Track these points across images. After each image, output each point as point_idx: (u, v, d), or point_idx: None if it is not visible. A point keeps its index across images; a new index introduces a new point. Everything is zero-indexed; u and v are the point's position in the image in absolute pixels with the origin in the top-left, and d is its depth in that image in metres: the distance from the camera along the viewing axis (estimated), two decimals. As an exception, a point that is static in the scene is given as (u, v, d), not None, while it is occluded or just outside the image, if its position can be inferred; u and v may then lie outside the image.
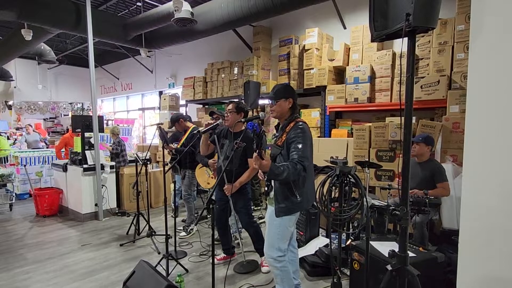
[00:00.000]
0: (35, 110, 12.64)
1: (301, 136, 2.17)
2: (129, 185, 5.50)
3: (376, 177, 4.30)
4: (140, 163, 4.21)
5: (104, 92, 13.09)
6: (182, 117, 4.49)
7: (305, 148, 2.14)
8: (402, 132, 1.55)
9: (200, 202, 5.81)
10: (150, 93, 11.17)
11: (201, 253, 3.73)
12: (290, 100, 2.32)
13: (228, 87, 7.08)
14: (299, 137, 2.17)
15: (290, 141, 2.20)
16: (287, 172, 2.06)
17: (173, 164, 4.27)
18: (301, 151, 2.12)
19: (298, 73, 5.95)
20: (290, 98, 2.32)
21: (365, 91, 4.97)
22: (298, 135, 2.18)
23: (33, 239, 4.28)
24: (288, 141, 2.21)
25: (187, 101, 8.06)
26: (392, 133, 4.23)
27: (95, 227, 4.78)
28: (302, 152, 2.12)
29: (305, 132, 2.21)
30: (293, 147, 2.17)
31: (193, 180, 4.40)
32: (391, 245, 2.65)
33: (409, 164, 1.54)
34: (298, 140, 2.16)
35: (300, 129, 2.21)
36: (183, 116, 4.52)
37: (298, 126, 2.23)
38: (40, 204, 5.31)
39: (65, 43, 10.18)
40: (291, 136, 2.20)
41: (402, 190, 1.56)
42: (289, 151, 2.19)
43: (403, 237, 1.59)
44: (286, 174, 2.05)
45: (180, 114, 4.53)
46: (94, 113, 5.06)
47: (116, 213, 5.38)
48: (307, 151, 2.15)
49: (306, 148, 2.15)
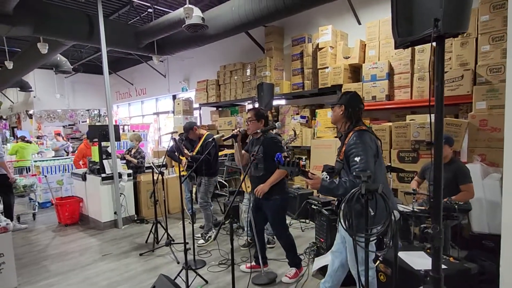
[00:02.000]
0: (54, 118, 13.00)
1: (357, 147, 2.04)
2: (147, 192, 5.52)
3: (399, 179, 4.15)
4: (156, 171, 4.22)
5: (120, 98, 13.29)
6: (195, 125, 4.47)
7: (365, 159, 1.99)
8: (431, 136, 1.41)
9: (217, 206, 5.81)
10: (164, 97, 11.25)
11: (220, 262, 3.69)
12: (342, 107, 2.23)
13: (241, 89, 7.03)
14: (355, 148, 2.05)
15: (348, 154, 2.09)
16: (343, 188, 1.95)
17: (189, 172, 4.28)
18: (360, 164, 1.99)
19: (312, 73, 5.84)
20: (343, 105, 2.23)
21: (383, 89, 4.81)
22: (354, 147, 2.06)
23: (55, 250, 4.35)
24: (346, 154, 2.11)
25: (200, 104, 8.06)
26: (415, 133, 4.06)
27: (115, 236, 4.82)
28: (362, 165, 1.98)
29: (362, 142, 2.06)
30: (351, 161, 2.06)
31: (209, 187, 4.37)
32: (419, 255, 2.53)
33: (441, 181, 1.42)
34: (354, 152, 2.04)
35: (355, 139, 2.08)
36: (196, 124, 4.51)
37: (353, 137, 2.11)
38: (61, 213, 5.41)
39: (80, 52, 10.37)
40: (347, 149, 2.10)
41: (435, 207, 1.44)
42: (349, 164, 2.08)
43: (436, 257, 1.47)
44: (342, 191, 1.95)
45: (193, 123, 4.51)
46: (110, 122, 5.09)
47: (135, 221, 5.41)
48: (368, 162, 2.00)
49: (366, 159, 2.00)
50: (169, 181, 5.80)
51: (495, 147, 3.58)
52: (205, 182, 4.33)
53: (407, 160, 4.13)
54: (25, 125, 13.38)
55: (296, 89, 6.10)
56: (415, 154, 4.07)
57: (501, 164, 3.48)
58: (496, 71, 3.75)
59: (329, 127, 5.47)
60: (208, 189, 4.36)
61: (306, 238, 4.30)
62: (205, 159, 4.04)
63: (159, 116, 11.54)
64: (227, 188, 6.01)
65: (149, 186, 5.44)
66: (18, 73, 9.37)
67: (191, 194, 4.95)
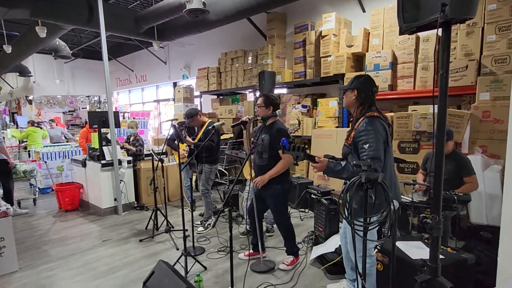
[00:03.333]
0: (54, 104, 12.95)
1: (367, 134, 2.02)
2: (147, 179, 5.53)
3: (399, 170, 4.14)
4: (156, 159, 4.21)
5: (120, 85, 13.20)
6: (199, 112, 4.44)
7: (375, 147, 1.98)
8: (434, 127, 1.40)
9: (217, 195, 5.85)
10: (165, 84, 11.19)
11: (219, 249, 3.73)
12: (355, 91, 2.21)
13: (243, 77, 6.98)
14: (364, 135, 2.03)
15: (357, 140, 2.08)
16: (348, 172, 1.97)
17: (189, 159, 4.27)
18: (369, 151, 1.98)
19: (315, 61, 5.78)
20: (355, 90, 2.20)
21: (386, 78, 4.78)
22: (363, 134, 2.04)
23: (56, 235, 4.39)
24: (355, 140, 2.10)
25: (201, 92, 8.02)
26: (416, 124, 4.05)
27: (115, 222, 4.85)
28: (371, 153, 1.97)
29: (372, 129, 2.03)
30: (359, 147, 2.05)
31: (210, 174, 4.38)
32: (417, 245, 2.54)
33: (442, 171, 1.41)
34: (363, 140, 2.03)
35: (365, 125, 2.06)
36: (199, 111, 4.48)
37: (363, 123, 2.09)
38: (62, 199, 5.45)
39: (79, 37, 10.26)
40: (356, 135, 2.09)
41: (435, 196, 1.44)
42: (358, 151, 2.08)
43: (434, 247, 1.48)
44: (347, 174, 1.97)
45: (197, 109, 4.47)
46: (110, 108, 5.07)
47: (135, 207, 5.44)
48: (377, 149, 1.99)
49: (376, 147, 1.98)
50: (169, 168, 5.82)
51: (497, 139, 3.57)
52: (206, 169, 4.33)
53: (408, 151, 4.12)
54: (25, 110, 13.34)
55: (298, 77, 6.07)
56: (416, 145, 4.06)
57: (502, 156, 3.48)
58: (501, 62, 3.71)
59: (330, 117, 5.45)
60: (210, 177, 4.37)
61: (305, 227, 4.34)
62: (208, 146, 4.04)
63: (160, 104, 11.51)
64: (227, 176, 6.02)
65: (149, 173, 5.45)
66: (17, 58, 9.30)
67: (191, 181, 4.96)
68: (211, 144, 4.14)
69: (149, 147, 5.77)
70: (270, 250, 3.70)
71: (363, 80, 2.24)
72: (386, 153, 2.09)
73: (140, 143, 5.74)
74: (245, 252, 3.55)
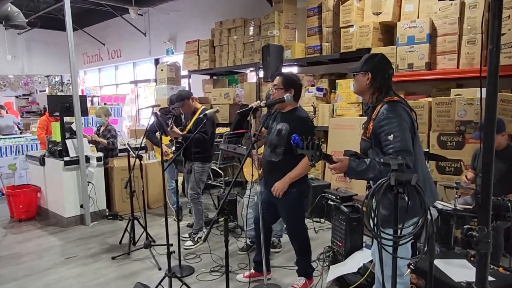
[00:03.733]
0: (4, 86, 12.89)
1: (389, 123, 2.06)
2: (121, 181, 5.54)
3: (438, 170, 4.15)
4: (133, 155, 4.20)
5: (88, 62, 13.20)
6: (192, 95, 4.43)
7: (401, 137, 2.03)
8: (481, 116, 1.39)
9: (209, 200, 5.83)
10: (144, 61, 11.18)
11: (212, 269, 3.73)
12: (369, 74, 2.24)
13: (242, 53, 6.98)
14: (386, 124, 2.07)
15: (378, 132, 2.12)
16: (375, 170, 2.00)
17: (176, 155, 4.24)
18: (396, 143, 2.02)
19: (333, 32, 5.78)
20: (369, 72, 2.23)
21: (423, 55, 4.76)
22: (385, 123, 2.08)
23: (8, 251, 4.41)
24: (376, 132, 2.13)
25: (190, 71, 8.00)
26: (460, 112, 4.04)
27: (81, 235, 4.84)
28: (397, 144, 2.01)
29: (394, 116, 2.08)
30: (383, 140, 2.09)
31: (202, 175, 4.36)
32: (460, 264, 2.55)
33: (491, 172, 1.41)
34: (386, 129, 2.06)
35: (386, 112, 2.10)
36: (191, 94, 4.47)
37: (383, 110, 2.12)
38: (14, 206, 5.46)
39: (37, 2, 10.22)
40: (376, 126, 2.12)
41: (483, 203, 1.44)
42: (380, 145, 2.11)
43: (481, 266, 1.47)
44: (374, 173, 2.00)
45: (188, 92, 4.50)
46: (75, 91, 5.04)
47: (107, 216, 5.45)
48: (404, 139, 2.03)
49: (402, 136, 2.03)
50: (149, 167, 5.80)
51: None
52: (196, 169, 4.31)
53: (449, 146, 4.12)
54: (-32, 94, 13.34)
55: (311, 53, 6.04)
56: (460, 138, 4.06)
57: None
58: None
59: (353, 103, 5.45)
60: (201, 178, 4.35)
61: (321, 241, 4.34)
62: (199, 139, 4.01)
63: (138, 86, 11.49)
64: (223, 177, 5.99)
65: (125, 174, 5.42)
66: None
67: (177, 184, 4.93)
68: (203, 136, 4.11)
69: (124, 140, 5.73)
70: (276, 269, 3.67)
71: (378, 60, 2.27)
72: (415, 145, 2.12)
73: (112, 134, 5.72)
74: (244, 273, 3.52)
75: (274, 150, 3.06)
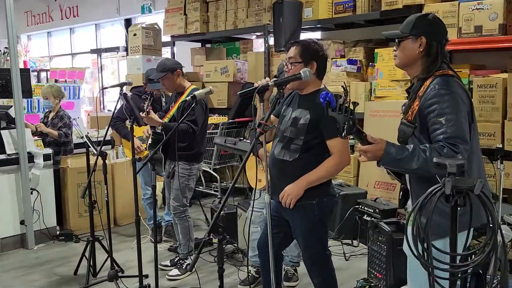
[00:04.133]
0: None
1: (441, 101, 2.12)
2: (77, 188, 5.56)
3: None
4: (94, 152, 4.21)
5: (33, 23, 13.37)
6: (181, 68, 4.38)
7: (455, 120, 2.08)
8: None
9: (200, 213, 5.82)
10: (111, 22, 11.36)
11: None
12: (422, 39, 2.25)
13: (246, 12, 7.04)
14: (438, 103, 2.12)
15: (426, 112, 2.15)
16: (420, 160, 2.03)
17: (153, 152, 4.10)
18: (447, 128, 2.06)
19: (370, -16, 5.76)
20: (423, 36, 2.26)
21: (496, 14, 4.69)
22: (435, 101, 2.13)
23: None
24: (423, 113, 2.17)
25: (173, 36, 8.05)
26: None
27: (21, 262, 4.82)
28: (451, 129, 2.06)
29: (448, 93, 2.14)
30: (431, 122, 2.14)
31: (189, 180, 4.34)
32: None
33: None
34: (438, 109, 2.11)
35: (439, 87, 2.15)
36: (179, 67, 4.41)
37: (435, 84, 2.17)
38: None
39: None
40: (426, 104, 2.16)
41: None
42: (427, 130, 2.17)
43: None
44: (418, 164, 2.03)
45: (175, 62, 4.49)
46: (14, 63, 5.01)
47: (57, 237, 5.44)
48: (460, 123, 2.09)
49: (457, 119, 2.09)
50: (116, 169, 5.87)
51: None
52: (182, 171, 4.24)
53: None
54: None
55: (341, 11, 5.99)
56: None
57: None
58: None
59: (398, 80, 5.41)
60: (188, 184, 4.37)
61: (353, 271, 4.39)
62: (184, 130, 3.99)
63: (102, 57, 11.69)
64: (218, 183, 6.09)
65: (82, 177, 5.45)
66: None
67: (154, 191, 4.76)
68: (191, 127, 4.07)
69: (82, 132, 5.76)
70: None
71: (433, 21, 2.34)
72: (472, 133, 2.19)
73: (65, 123, 5.73)
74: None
75: (287, 145, 3.02)
